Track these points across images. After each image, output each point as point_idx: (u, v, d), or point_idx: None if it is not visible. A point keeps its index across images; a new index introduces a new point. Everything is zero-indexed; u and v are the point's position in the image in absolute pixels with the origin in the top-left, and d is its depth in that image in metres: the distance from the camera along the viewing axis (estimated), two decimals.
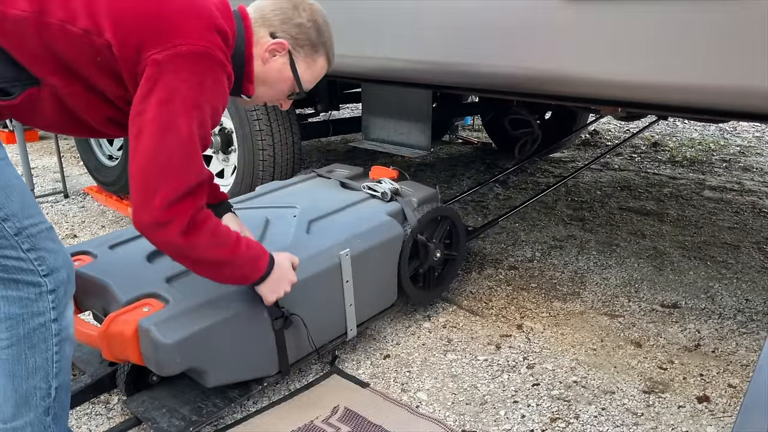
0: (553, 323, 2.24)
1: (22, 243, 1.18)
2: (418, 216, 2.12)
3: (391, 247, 2.03)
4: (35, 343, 1.22)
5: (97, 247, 1.82)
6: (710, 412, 1.75)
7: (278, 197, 2.25)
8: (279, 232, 1.94)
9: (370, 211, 2.10)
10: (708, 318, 2.27)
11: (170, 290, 1.59)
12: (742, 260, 2.76)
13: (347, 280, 1.87)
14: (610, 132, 5.66)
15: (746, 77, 1.47)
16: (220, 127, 3.02)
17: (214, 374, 1.59)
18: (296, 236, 1.91)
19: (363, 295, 1.95)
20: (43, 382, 1.25)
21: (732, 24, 1.46)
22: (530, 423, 1.71)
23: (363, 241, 1.93)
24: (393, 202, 2.16)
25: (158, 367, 1.50)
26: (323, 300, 1.83)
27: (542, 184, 3.94)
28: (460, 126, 5.43)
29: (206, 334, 1.53)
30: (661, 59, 1.58)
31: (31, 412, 1.25)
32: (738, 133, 5.55)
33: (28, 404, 1.24)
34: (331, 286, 1.85)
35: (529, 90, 1.97)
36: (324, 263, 1.81)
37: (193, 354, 1.52)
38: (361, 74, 2.40)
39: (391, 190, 2.19)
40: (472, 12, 1.91)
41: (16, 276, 1.19)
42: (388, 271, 2.06)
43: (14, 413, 1.24)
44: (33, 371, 1.23)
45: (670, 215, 3.35)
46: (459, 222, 2.31)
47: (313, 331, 1.81)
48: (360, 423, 1.69)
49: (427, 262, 2.18)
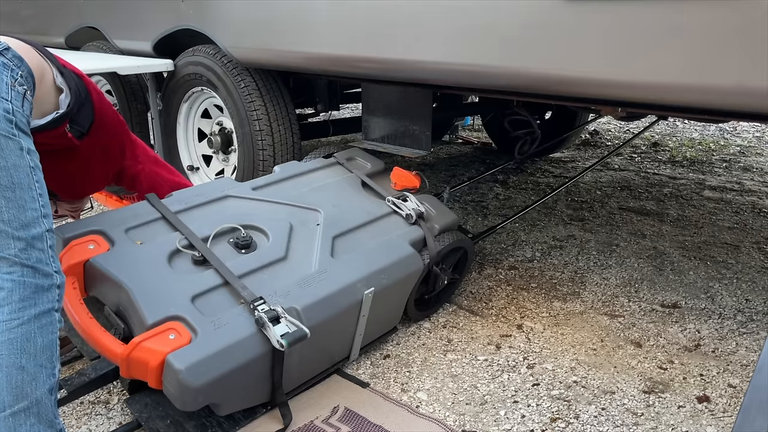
0: (553, 323, 2.24)
1: (50, 239, 1.36)
2: (439, 247, 2.10)
3: (410, 281, 2.02)
4: (43, 325, 1.32)
5: (112, 229, 1.76)
6: (710, 412, 1.75)
7: (300, 191, 2.16)
8: (303, 247, 1.89)
9: (393, 236, 2.06)
10: (708, 318, 2.27)
11: (195, 315, 1.56)
12: (742, 260, 2.76)
13: (364, 315, 1.86)
14: (610, 132, 5.66)
15: (746, 77, 1.47)
16: (220, 127, 3.02)
17: (227, 407, 1.60)
18: (321, 259, 1.85)
19: (372, 323, 1.94)
20: (48, 362, 1.33)
21: (732, 24, 1.46)
22: (530, 423, 1.71)
23: (386, 277, 1.90)
24: (416, 227, 2.13)
25: (179, 403, 1.49)
26: (338, 332, 1.83)
27: (542, 184, 3.94)
28: (460, 126, 5.43)
29: (230, 375, 1.52)
30: (661, 59, 1.58)
31: (38, 390, 1.31)
32: (738, 133, 5.55)
33: (35, 381, 1.30)
34: (348, 321, 1.84)
35: (529, 90, 1.97)
36: (347, 301, 1.79)
37: (214, 394, 1.52)
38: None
39: (416, 212, 2.14)
40: (472, 12, 1.91)
41: (38, 266, 1.32)
42: (400, 300, 2.05)
43: (17, 395, 1.29)
44: (41, 350, 1.32)
45: (670, 215, 3.35)
46: (471, 251, 2.31)
47: (321, 359, 1.83)
48: (360, 423, 1.69)
49: (435, 290, 2.19)
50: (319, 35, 2.34)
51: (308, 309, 1.68)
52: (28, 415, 1.29)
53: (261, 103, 2.77)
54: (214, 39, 2.77)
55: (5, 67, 1.40)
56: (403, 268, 1.97)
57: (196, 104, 3.12)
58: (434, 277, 2.14)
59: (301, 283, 1.75)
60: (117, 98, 3.54)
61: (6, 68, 1.40)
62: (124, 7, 3.27)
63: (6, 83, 1.38)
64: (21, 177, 1.32)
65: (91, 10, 3.55)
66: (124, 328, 1.60)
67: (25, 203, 1.32)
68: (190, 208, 1.93)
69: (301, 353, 1.71)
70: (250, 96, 2.76)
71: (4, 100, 1.35)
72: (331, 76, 2.71)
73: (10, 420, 1.27)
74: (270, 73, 2.85)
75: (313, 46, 2.37)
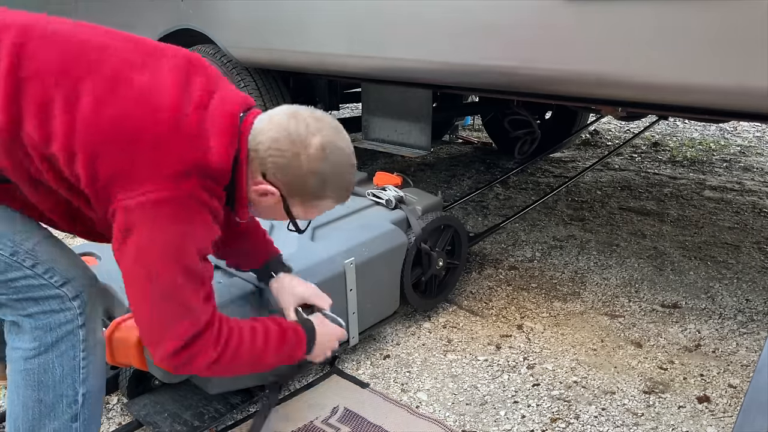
0: (553, 323, 2.24)
1: (24, 261, 1.16)
2: (422, 224, 2.12)
3: (395, 256, 2.03)
4: (63, 351, 1.21)
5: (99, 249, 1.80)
6: (710, 413, 1.75)
7: None
8: (283, 237, 1.92)
9: (374, 219, 2.10)
10: (708, 318, 2.27)
11: None
12: (742, 260, 2.76)
13: (351, 288, 1.87)
14: (610, 132, 5.65)
15: (746, 77, 1.47)
16: None
17: (216, 381, 1.59)
18: (301, 243, 1.90)
19: (366, 304, 1.95)
20: (70, 389, 1.23)
21: (732, 24, 1.45)
22: (530, 423, 1.71)
23: (367, 250, 1.93)
24: (397, 210, 2.16)
25: (162, 373, 1.49)
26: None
27: (542, 184, 3.93)
28: (460, 126, 5.42)
29: None
30: (661, 59, 1.58)
31: (56, 421, 1.23)
32: (738, 133, 5.55)
33: (53, 413, 1.22)
34: (335, 295, 1.83)
35: (529, 90, 1.97)
36: (328, 272, 1.80)
37: None
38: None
39: (396, 197, 2.18)
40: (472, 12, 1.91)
41: (31, 294, 1.17)
42: (392, 280, 2.05)
43: (33, 426, 1.21)
44: (60, 380, 1.21)
45: (670, 215, 3.35)
46: (462, 230, 2.31)
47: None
48: (360, 423, 1.69)
49: (430, 270, 2.18)
50: (319, 35, 2.34)
51: None
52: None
53: (261, 103, 2.77)
54: (213, 39, 2.77)
55: None
56: (384, 242, 1.99)
57: None
58: (426, 256, 2.14)
59: None
60: None
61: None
62: (123, 7, 3.27)
63: None
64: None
65: (90, 11, 3.55)
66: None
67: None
68: None
69: None
70: (249, 96, 2.76)
71: None
72: (331, 76, 2.71)
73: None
74: (270, 72, 2.85)
75: (314, 45, 2.37)
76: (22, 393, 1.20)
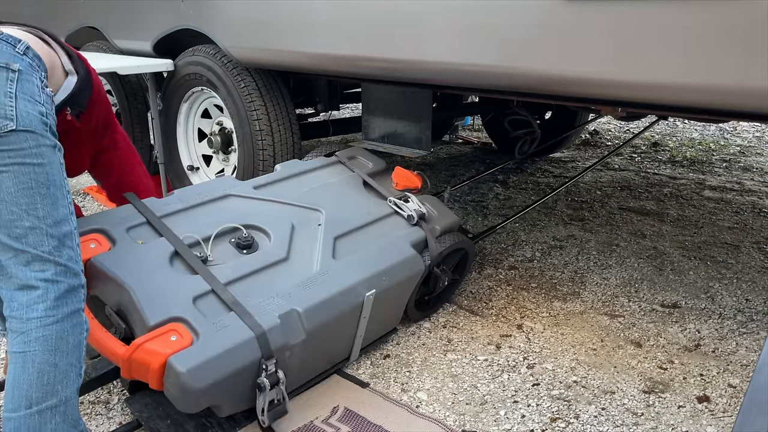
0: (553, 323, 2.24)
1: (76, 237, 1.39)
2: (440, 249, 2.10)
3: (411, 282, 2.02)
4: (75, 324, 1.34)
5: (114, 228, 1.75)
6: (710, 412, 1.75)
7: (302, 190, 2.16)
8: (305, 249, 1.89)
9: (395, 235, 2.06)
10: (708, 318, 2.27)
11: (197, 316, 1.55)
12: (742, 260, 2.76)
13: (365, 317, 1.87)
14: (610, 132, 5.65)
15: (746, 77, 1.47)
16: (220, 127, 3.02)
17: (227, 408, 1.59)
18: (323, 261, 1.86)
19: (373, 325, 1.95)
20: (77, 361, 1.35)
21: (732, 24, 1.46)
22: (530, 423, 1.71)
23: (387, 279, 1.91)
24: (417, 229, 2.12)
25: (181, 405, 1.49)
26: (339, 334, 1.83)
27: (542, 184, 3.94)
28: (460, 126, 5.43)
29: (231, 377, 1.52)
30: (661, 59, 1.58)
31: (68, 389, 1.32)
32: (738, 133, 5.55)
33: (66, 379, 1.32)
34: (349, 322, 1.84)
35: (529, 90, 1.97)
36: (348, 303, 1.79)
37: (216, 396, 1.52)
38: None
39: (418, 213, 2.14)
40: (472, 12, 1.91)
41: (69, 264, 1.34)
42: (401, 302, 2.06)
43: (47, 392, 1.29)
44: (72, 349, 1.33)
45: (670, 215, 3.35)
46: (472, 252, 2.31)
47: (321, 360, 1.84)
48: (360, 423, 1.69)
49: (436, 291, 2.19)
50: (319, 35, 2.34)
51: (309, 311, 1.68)
52: (54, 413, 1.29)
53: (261, 103, 2.77)
54: (214, 39, 2.77)
55: (32, 68, 1.38)
56: (404, 270, 1.97)
57: (196, 104, 3.12)
58: (435, 278, 2.14)
59: (303, 285, 1.75)
60: (117, 98, 3.54)
61: (33, 70, 1.38)
62: (123, 7, 3.27)
63: (37, 86, 1.37)
64: (54, 174, 1.34)
65: (90, 10, 3.55)
66: (125, 328, 1.59)
67: (57, 200, 1.33)
68: (190, 207, 1.93)
69: (302, 356, 1.70)
70: (250, 96, 2.76)
71: (38, 104, 1.35)
72: (331, 76, 2.71)
73: (36, 418, 1.27)
74: (270, 73, 2.85)
75: (314, 46, 2.37)
76: (38, 359, 1.29)
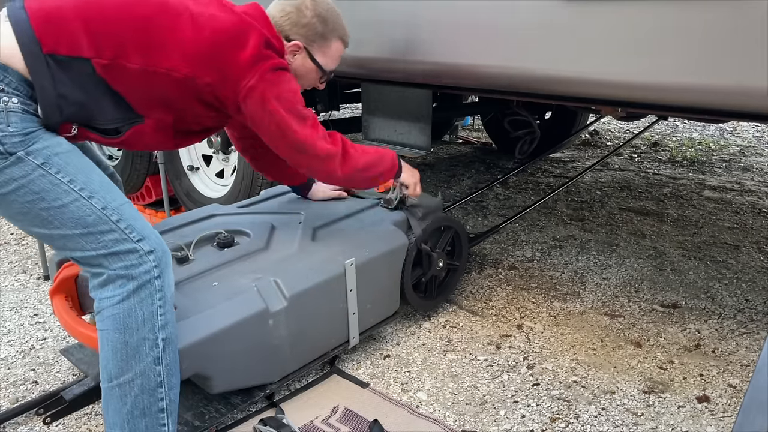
0: (553, 323, 2.24)
1: (111, 215, 1.35)
2: (423, 225, 2.12)
3: (396, 257, 2.03)
4: (143, 298, 1.36)
5: None
6: (710, 412, 1.75)
7: (283, 202, 2.26)
8: (284, 238, 1.94)
9: (375, 220, 2.11)
10: (708, 318, 2.27)
11: (177, 296, 1.58)
12: (742, 260, 2.76)
13: (351, 289, 1.87)
14: (610, 132, 5.66)
15: (746, 77, 1.47)
16: None
17: (218, 381, 1.59)
18: (302, 243, 1.90)
19: (366, 304, 1.95)
20: (151, 333, 1.37)
21: (732, 24, 1.46)
22: (530, 423, 1.71)
23: (368, 251, 1.93)
24: (398, 211, 2.16)
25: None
26: (327, 308, 1.83)
27: (542, 184, 3.94)
28: (460, 126, 5.43)
29: (213, 340, 1.53)
30: (661, 59, 1.58)
31: (142, 363, 1.36)
32: (738, 133, 5.55)
33: (138, 354, 1.36)
34: (335, 295, 1.85)
35: (529, 90, 1.97)
36: (329, 272, 1.81)
37: (199, 360, 1.52)
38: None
39: (397, 198, 2.18)
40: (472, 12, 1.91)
41: (115, 247, 1.35)
42: (392, 280, 2.06)
43: (122, 368, 1.35)
44: (142, 323, 1.36)
45: (670, 215, 3.35)
46: (462, 231, 2.31)
47: (315, 339, 1.83)
48: (360, 423, 1.69)
49: (431, 271, 2.18)
50: None
51: (288, 280, 1.72)
52: (132, 386, 1.36)
53: None
54: None
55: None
56: (384, 243, 2.00)
57: None
58: (426, 256, 2.14)
59: (280, 261, 1.80)
60: None
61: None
62: None
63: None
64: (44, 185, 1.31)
65: None
66: None
67: (64, 205, 1.32)
68: (177, 227, 2.01)
69: (292, 333, 1.72)
70: None
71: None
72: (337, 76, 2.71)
73: (117, 390, 1.36)
74: None
75: None
76: (111, 337, 1.35)
